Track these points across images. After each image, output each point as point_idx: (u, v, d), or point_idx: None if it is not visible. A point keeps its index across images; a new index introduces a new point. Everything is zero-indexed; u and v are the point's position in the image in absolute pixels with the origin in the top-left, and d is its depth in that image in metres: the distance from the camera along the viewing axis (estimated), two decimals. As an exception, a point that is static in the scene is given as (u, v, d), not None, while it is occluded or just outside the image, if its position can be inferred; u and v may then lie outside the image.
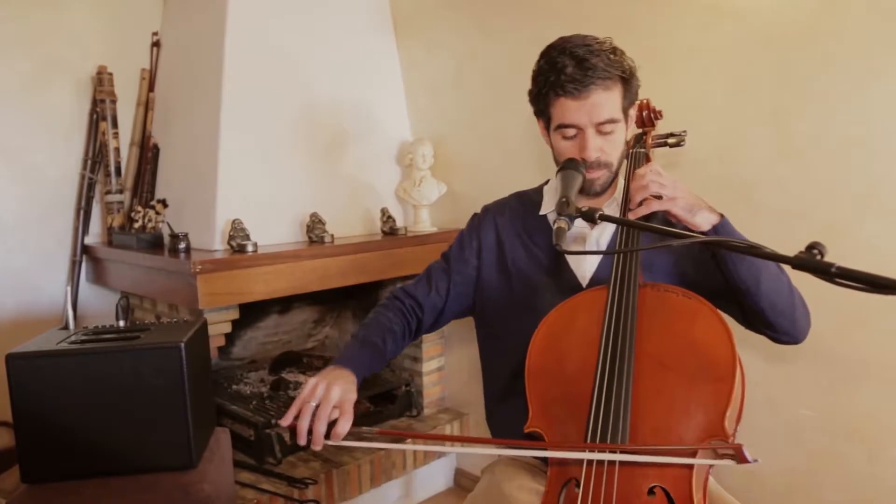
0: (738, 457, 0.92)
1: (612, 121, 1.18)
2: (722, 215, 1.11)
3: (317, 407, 1.06)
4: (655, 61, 1.80)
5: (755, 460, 0.91)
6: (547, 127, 1.26)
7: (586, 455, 1.01)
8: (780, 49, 1.60)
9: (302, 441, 1.05)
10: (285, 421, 1.06)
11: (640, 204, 1.15)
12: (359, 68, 2.41)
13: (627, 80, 1.19)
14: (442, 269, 1.39)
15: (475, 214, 1.46)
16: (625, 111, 1.21)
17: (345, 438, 1.06)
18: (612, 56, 1.17)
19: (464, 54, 2.35)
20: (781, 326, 1.15)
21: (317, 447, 1.05)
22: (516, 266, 1.35)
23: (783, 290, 1.12)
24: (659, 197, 1.12)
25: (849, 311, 1.52)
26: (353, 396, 1.11)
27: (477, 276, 1.38)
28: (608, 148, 1.20)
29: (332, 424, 1.06)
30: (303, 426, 1.04)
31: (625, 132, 1.24)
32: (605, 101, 1.16)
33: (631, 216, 1.15)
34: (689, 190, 1.13)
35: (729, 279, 1.12)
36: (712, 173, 1.72)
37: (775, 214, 1.62)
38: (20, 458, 1.37)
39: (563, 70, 1.15)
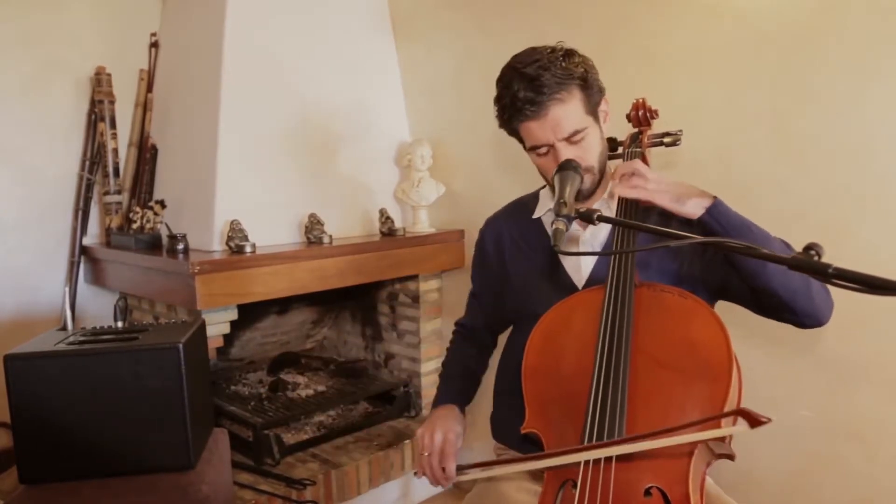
0: (750, 421, 0.88)
1: (577, 131, 1.18)
2: (714, 197, 1.07)
3: (429, 456, 1.26)
4: (655, 61, 1.81)
5: (768, 420, 0.87)
6: (524, 146, 1.27)
7: (582, 456, 1.01)
8: (779, 49, 1.60)
9: (436, 486, 1.26)
10: (419, 475, 1.30)
11: (624, 180, 1.12)
12: (357, 69, 2.41)
13: (585, 82, 1.18)
14: (472, 293, 1.53)
15: (480, 231, 1.50)
16: (591, 113, 1.21)
17: (460, 474, 1.24)
18: (563, 64, 1.16)
19: (463, 55, 2.35)
20: (800, 307, 1.10)
21: (446, 486, 1.25)
22: (514, 270, 1.37)
23: None
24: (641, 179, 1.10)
25: (848, 312, 1.50)
26: (454, 433, 1.27)
27: (497, 286, 1.42)
28: (584, 154, 1.20)
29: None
30: (428, 476, 1.27)
31: (599, 132, 1.24)
32: (565, 113, 1.16)
33: (617, 190, 1.12)
34: (675, 180, 1.10)
35: (735, 264, 1.10)
36: (711, 174, 1.72)
37: (774, 215, 1.60)
38: (18, 459, 1.38)
39: (517, 95, 1.16)
